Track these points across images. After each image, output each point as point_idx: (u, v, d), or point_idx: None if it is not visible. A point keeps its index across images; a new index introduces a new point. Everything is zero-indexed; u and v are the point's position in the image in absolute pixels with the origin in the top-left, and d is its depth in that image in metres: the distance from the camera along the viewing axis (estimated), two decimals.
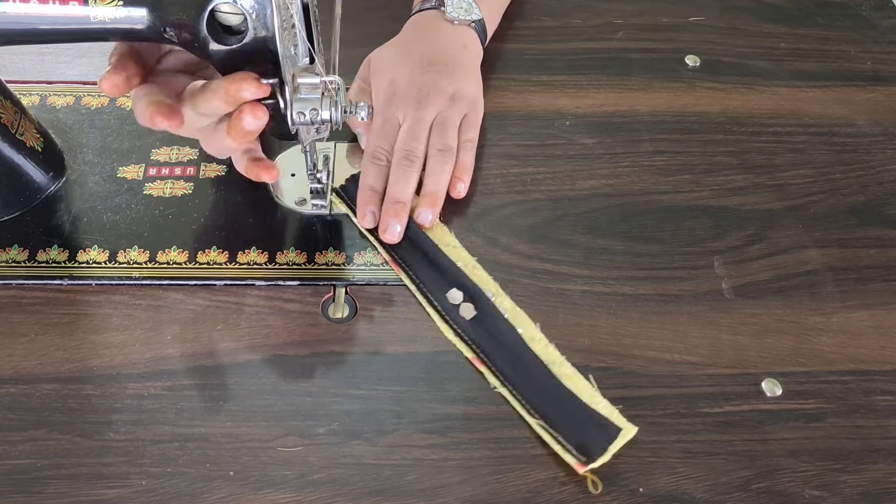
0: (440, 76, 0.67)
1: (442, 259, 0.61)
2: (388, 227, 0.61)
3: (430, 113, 0.65)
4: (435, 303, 0.59)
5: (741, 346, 0.58)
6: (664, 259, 0.63)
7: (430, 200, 0.62)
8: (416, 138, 0.64)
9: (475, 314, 0.58)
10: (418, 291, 0.60)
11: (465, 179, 0.65)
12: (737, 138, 0.71)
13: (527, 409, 0.54)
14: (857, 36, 0.80)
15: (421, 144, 0.64)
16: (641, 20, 0.81)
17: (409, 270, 0.61)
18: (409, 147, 0.63)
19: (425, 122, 0.65)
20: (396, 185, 0.62)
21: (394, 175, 0.63)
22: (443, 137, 0.64)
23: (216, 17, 0.49)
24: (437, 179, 0.63)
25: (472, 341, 0.57)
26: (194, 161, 0.68)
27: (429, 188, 0.63)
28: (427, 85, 0.66)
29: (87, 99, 0.72)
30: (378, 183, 0.63)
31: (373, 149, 0.64)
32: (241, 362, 0.57)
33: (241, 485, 0.52)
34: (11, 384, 0.55)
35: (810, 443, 0.54)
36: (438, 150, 0.64)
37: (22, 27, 0.52)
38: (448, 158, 0.64)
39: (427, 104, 0.65)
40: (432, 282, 0.60)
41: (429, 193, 0.63)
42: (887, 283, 0.62)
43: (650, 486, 0.52)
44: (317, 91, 0.54)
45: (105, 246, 0.62)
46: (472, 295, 0.59)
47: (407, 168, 0.62)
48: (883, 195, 0.68)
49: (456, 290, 0.59)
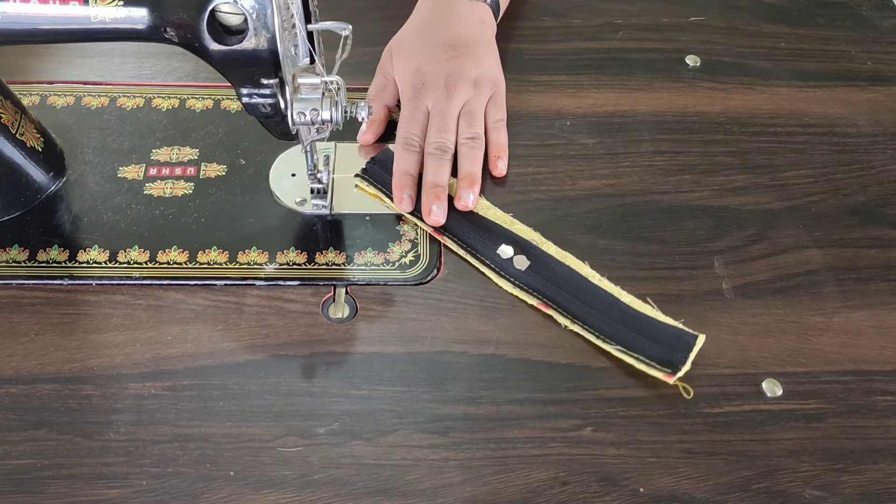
0: (463, 60, 0.69)
1: (483, 221, 0.64)
2: (431, 210, 0.63)
3: (457, 102, 0.68)
4: (488, 262, 0.62)
5: (741, 346, 0.58)
6: (665, 259, 0.63)
7: (469, 181, 0.65)
8: (447, 129, 0.67)
9: (529, 263, 0.61)
10: (469, 255, 0.62)
11: (503, 157, 0.68)
12: (737, 138, 0.71)
13: (603, 339, 0.57)
14: (857, 36, 0.80)
15: (452, 135, 0.67)
16: (641, 20, 0.81)
17: (454, 238, 0.63)
18: (441, 140, 0.66)
19: (453, 113, 0.68)
20: (433, 173, 0.65)
21: (429, 164, 0.65)
22: (471, 127, 0.67)
23: (216, 17, 0.49)
24: (472, 163, 0.66)
25: (534, 289, 0.60)
26: (194, 161, 0.68)
27: (465, 171, 0.66)
28: (453, 72, 0.69)
29: (87, 99, 0.72)
30: (413, 168, 0.65)
31: (405, 135, 0.67)
32: (241, 362, 0.57)
33: (241, 485, 0.51)
34: (11, 384, 0.55)
35: (811, 443, 0.54)
36: (468, 139, 0.67)
37: (22, 27, 0.52)
38: (478, 145, 0.67)
39: (454, 93, 0.68)
40: (480, 243, 0.63)
41: (466, 175, 0.65)
42: (888, 283, 0.62)
43: (650, 486, 0.52)
44: (317, 91, 0.54)
45: (105, 246, 0.62)
46: (522, 246, 0.62)
47: (441, 157, 0.65)
48: (883, 195, 0.68)
49: (505, 246, 0.62)
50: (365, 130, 0.69)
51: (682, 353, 0.56)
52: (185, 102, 0.72)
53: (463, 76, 0.69)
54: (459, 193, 0.64)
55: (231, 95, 0.72)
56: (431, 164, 0.65)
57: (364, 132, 0.69)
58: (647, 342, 0.57)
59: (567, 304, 0.59)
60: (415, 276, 0.62)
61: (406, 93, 0.69)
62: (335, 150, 0.69)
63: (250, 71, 0.51)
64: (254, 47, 0.49)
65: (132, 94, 0.72)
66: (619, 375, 0.57)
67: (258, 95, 0.53)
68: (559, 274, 0.61)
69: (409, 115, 0.68)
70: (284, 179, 0.67)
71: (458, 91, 0.68)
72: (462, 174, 0.65)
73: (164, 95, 0.72)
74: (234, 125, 0.70)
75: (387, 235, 0.64)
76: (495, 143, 0.68)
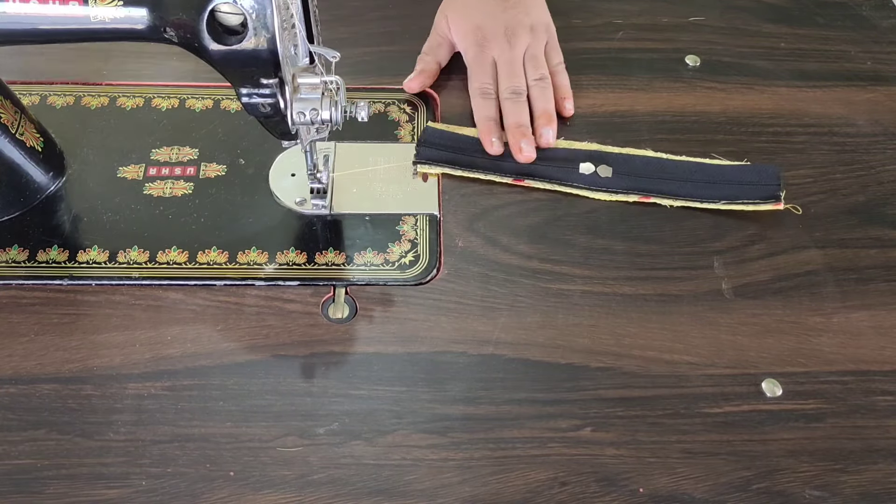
0: (517, 11, 0.74)
1: (550, 152, 0.69)
2: (521, 148, 0.68)
3: (519, 49, 0.73)
4: (577, 184, 0.67)
5: (741, 347, 0.58)
6: (664, 259, 0.63)
7: (547, 118, 0.70)
8: (517, 75, 0.72)
9: (611, 169, 0.67)
10: (557, 185, 0.67)
11: (570, 98, 0.73)
12: (737, 138, 0.71)
13: (708, 202, 0.65)
14: (857, 36, 0.80)
15: (522, 79, 0.72)
16: (641, 20, 0.81)
17: (535, 176, 0.67)
18: (515, 84, 0.71)
19: (518, 59, 0.73)
20: (514, 115, 0.69)
21: (508, 107, 0.70)
22: (537, 69, 0.72)
23: (216, 17, 0.49)
24: (546, 102, 0.71)
25: (627, 188, 0.66)
26: (194, 161, 0.68)
27: (540, 109, 0.70)
28: (510, 23, 0.73)
29: (87, 99, 0.72)
30: (494, 113, 0.70)
31: (479, 86, 0.72)
32: (240, 362, 0.57)
33: (241, 485, 0.52)
34: (11, 384, 0.55)
35: (810, 443, 0.54)
36: (536, 81, 0.72)
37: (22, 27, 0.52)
38: (547, 85, 0.72)
39: (515, 42, 0.73)
40: (560, 171, 0.67)
41: (543, 113, 0.70)
42: (887, 283, 0.62)
43: (650, 486, 0.52)
44: (317, 91, 0.54)
45: (105, 246, 0.62)
46: (596, 158, 0.68)
47: (517, 100, 0.70)
48: (883, 195, 0.68)
49: (583, 164, 0.67)
50: (412, 78, 0.73)
51: (775, 183, 0.65)
52: (185, 102, 0.72)
53: (520, 25, 0.73)
54: (540, 131, 0.69)
55: (231, 95, 0.72)
56: (511, 108, 0.69)
57: (411, 79, 0.73)
58: (742, 188, 0.65)
59: (662, 188, 0.66)
60: (414, 276, 0.62)
61: (470, 49, 0.73)
62: (335, 150, 0.69)
63: (250, 71, 0.51)
64: (253, 47, 0.49)
65: (132, 94, 0.72)
66: (618, 375, 0.57)
67: (258, 95, 0.53)
68: (640, 166, 0.67)
69: (478, 67, 0.72)
70: (284, 179, 0.67)
71: (518, 39, 0.73)
72: (538, 113, 0.70)
73: (163, 95, 0.72)
74: (234, 125, 0.70)
75: (386, 235, 0.64)
76: (561, 86, 0.73)
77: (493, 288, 0.61)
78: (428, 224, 0.65)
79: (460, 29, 0.74)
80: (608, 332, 0.59)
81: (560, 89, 0.73)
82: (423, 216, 0.65)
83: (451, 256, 0.63)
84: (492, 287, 0.61)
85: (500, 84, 0.71)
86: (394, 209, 0.65)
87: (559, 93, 0.72)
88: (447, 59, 0.75)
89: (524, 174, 0.67)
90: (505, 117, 0.70)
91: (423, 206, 0.66)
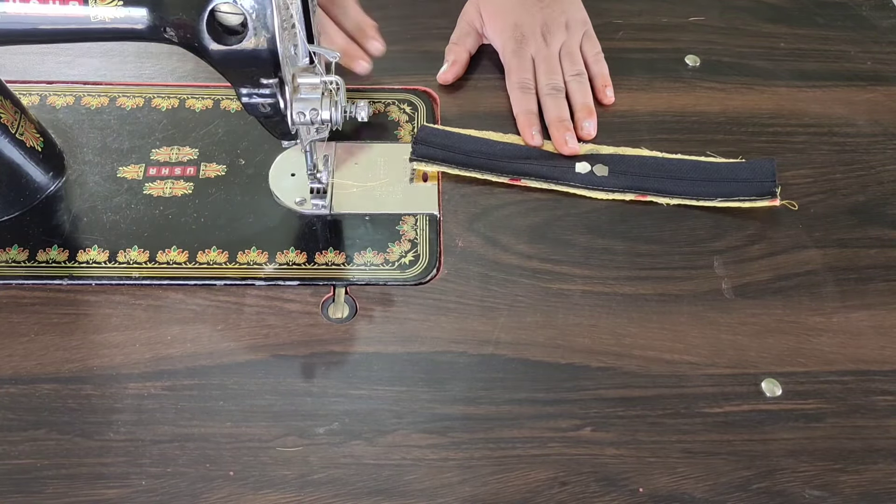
0: (553, 9, 0.76)
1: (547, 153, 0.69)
2: (566, 140, 0.69)
3: (556, 46, 0.75)
4: (574, 183, 0.67)
5: (741, 346, 0.58)
6: (664, 259, 0.63)
7: (587, 112, 0.71)
8: (555, 71, 0.74)
9: (607, 168, 0.67)
10: (553, 185, 0.67)
11: (610, 85, 0.74)
12: (737, 138, 0.71)
13: (706, 200, 0.66)
14: (857, 36, 0.80)
15: (559, 76, 0.74)
16: (641, 20, 0.81)
17: (531, 175, 0.67)
18: (553, 80, 0.73)
19: (555, 56, 0.75)
20: (555, 110, 0.71)
21: (548, 103, 0.72)
22: (574, 65, 0.74)
23: (216, 17, 0.49)
24: (584, 96, 0.73)
25: (624, 187, 0.66)
26: (194, 161, 0.68)
27: (580, 103, 0.72)
28: (546, 21, 0.75)
29: (87, 99, 0.72)
30: (534, 106, 0.72)
31: (519, 81, 0.73)
32: (241, 362, 0.57)
33: (241, 485, 0.52)
34: (11, 384, 0.55)
35: (810, 443, 0.54)
36: (574, 76, 0.74)
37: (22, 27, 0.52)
38: (584, 80, 0.74)
39: (551, 39, 0.75)
40: (557, 168, 0.68)
41: (583, 107, 0.72)
42: (887, 283, 0.62)
43: (650, 486, 0.52)
44: (317, 91, 0.54)
45: (105, 246, 0.62)
46: (593, 158, 0.68)
47: (557, 95, 0.72)
48: (883, 195, 0.68)
49: (579, 164, 0.68)
50: (446, 70, 0.74)
51: (770, 179, 0.65)
52: (185, 102, 0.72)
53: (556, 22, 0.75)
54: (581, 124, 0.70)
55: (231, 95, 0.72)
56: (551, 103, 0.71)
57: (445, 71, 0.74)
58: (738, 185, 0.65)
59: (661, 185, 0.66)
60: (414, 276, 0.62)
61: (509, 46, 0.75)
62: (335, 150, 0.69)
63: (250, 71, 0.51)
64: (253, 47, 0.49)
65: (132, 94, 0.72)
66: (618, 375, 0.57)
67: (258, 95, 0.53)
68: (636, 165, 0.68)
69: (518, 63, 0.74)
70: (284, 179, 0.67)
71: (553, 37, 0.75)
72: (577, 107, 0.71)
73: (163, 95, 0.72)
74: (234, 125, 0.70)
75: (386, 235, 0.64)
76: (599, 74, 0.74)
77: (493, 288, 0.61)
78: (428, 224, 0.65)
79: (497, 26, 0.76)
80: (608, 332, 0.59)
81: (599, 78, 0.74)
82: (422, 216, 0.65)
83: (450, 256, 0.63)
84: (492, 287, 0.61)
85: (539, 80, 0.73)
86: (394, 209, 0.65)
87: (598, 81, 0.74)
88: (475, 48, 0.77)
89: (520, 174, 0.67)
90: (546, 113, 0.71)
91: (422, 205, 0.66)
